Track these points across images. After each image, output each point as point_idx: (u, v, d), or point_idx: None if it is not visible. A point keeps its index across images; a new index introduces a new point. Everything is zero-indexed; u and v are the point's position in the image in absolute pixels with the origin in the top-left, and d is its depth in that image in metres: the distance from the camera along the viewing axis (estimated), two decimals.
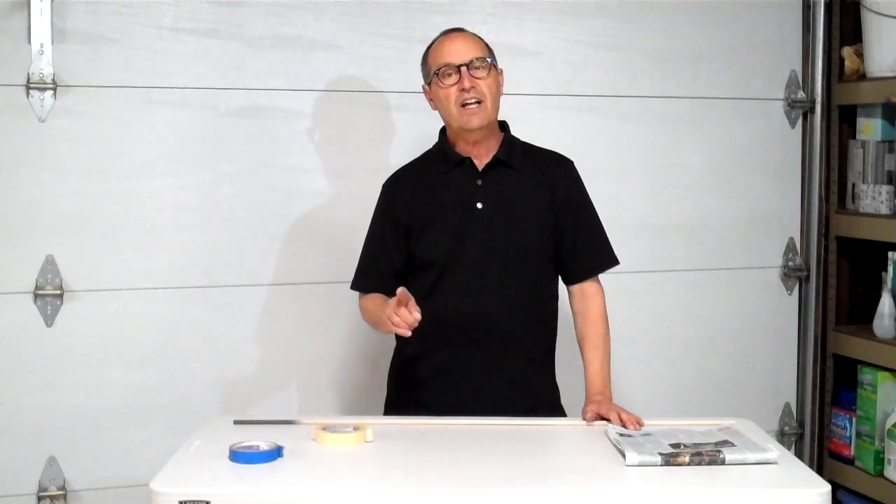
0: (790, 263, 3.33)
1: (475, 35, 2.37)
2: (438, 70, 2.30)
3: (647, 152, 3.17)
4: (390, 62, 2.95)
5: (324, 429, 2.04)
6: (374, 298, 2.34)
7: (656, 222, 3.20)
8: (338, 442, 2.02)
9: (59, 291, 2.73)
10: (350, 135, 2.95)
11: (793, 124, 3.31)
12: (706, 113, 3.22)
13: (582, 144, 3.07)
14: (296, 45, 2.89)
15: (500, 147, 2.37)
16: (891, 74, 3.04)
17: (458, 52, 2.30)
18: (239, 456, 1.90)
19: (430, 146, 2.45)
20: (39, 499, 2.75)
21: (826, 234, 3.30)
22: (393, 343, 2.46)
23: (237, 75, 2.85)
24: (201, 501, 1.75)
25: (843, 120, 3.28)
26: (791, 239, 3.33)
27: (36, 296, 2.72)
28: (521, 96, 2.98)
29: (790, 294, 3.35)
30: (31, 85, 2.68)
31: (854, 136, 3.26)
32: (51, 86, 2.69)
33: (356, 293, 2.45)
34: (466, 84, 2.27)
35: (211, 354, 2.86)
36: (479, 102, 2.28)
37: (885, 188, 3.07)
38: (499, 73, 2.36)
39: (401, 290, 2.12)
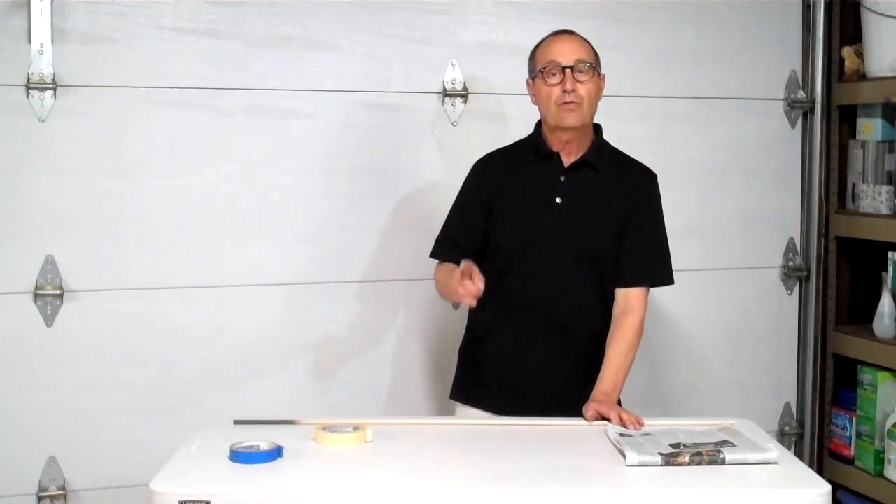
0: (790, 263, 3.33)
1: (584, 39, 2.43)
2: (544, 68, 2.37)
3: (646, 152, 3.15)
4: (390, 62, 2.95)
5: (324, 429, 2.04)
6: (448, 269, 2.42)
7: None
8: (338, 442, 2.02)
9: (59, 291, 2.73)
10: (350, 135, 2.94)
11: (793, 124, 3.31)
12: (706, 113, 3.22)
13: None
14: (296, 45, 2.89)
15: (589, 149, 2.45)
16: (891, 74, 3.03)
17: (566, 53, 2.37)
18: (239, 456, 1.91)
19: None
20: (39, 499, 2.75)
21: (826, 234, 3.30)
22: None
23: (237, 75, 2.85)
24: (201, 501, 1.75)
25: (843, 120, 3.28)
26: (791, 239, 3.33)
27: (36, 296, 2.72)
28: (521, 96, 2.96)
29: (790, 294, 3.34)
30: (31, 85, 2.68)
31: (854, 136, 3.26)
32: (51, 86, 2.69)
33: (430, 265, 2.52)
34: (569, 86, 2.35)
35: (211, 354, 2.86)
36: (577, 104, 2.35)
37: (885, 188, 3.07)
38: (601, 78, 2.43)
39: (465, 261, 2.25)
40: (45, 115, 2.71)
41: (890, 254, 3.07)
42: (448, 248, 2.49)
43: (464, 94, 2.98)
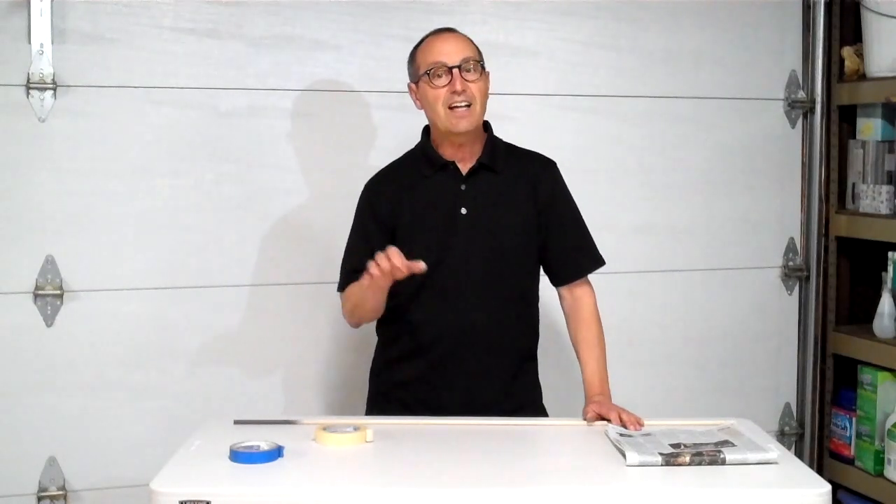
0: (790, 263, 3.33)
1: (465, 35, 2.33)
2: (429, 70, 2.25)
3: (647, 152, 3.17)
4: (390, 62, 2.94)
5: (324, 429, 2.04)
6: (354, 286, 2.29)
7: (656, 222, 3.20)
8: (338, 442, 2.02)
9: (59, 291, 2.73)
10: (351, 135, 2.95)
11: (793, 124, 3.31)
12: (706, 113, 3.22)
13: (582, 145, 3.07)
14: (296, 45, 2.89)
15: (484, 150, 2.33)
16: (891, 74, 3.03)
17: (451, 52, 2.26)
18: (239, 456, 1.90)
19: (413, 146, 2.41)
20: (39, 499, 2.75)
21: (826, 234, 3.30)
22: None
23: (237, 75, 2.85)
24: (201, 501, 1.75)
25: (843, 120, 3.28)
26: (791, 239, 3.33)
27: (36, 296, 2.72)
28: (521, 96, 2.98)
29: (790, 294, 3.35)
30: (31, 85, 2.68)
31: (854, 136, 3.26)
32: (51, 86, 2.69)
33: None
34: (458, 87, 2.23)
35: (211, 354, 2.86)
36: (468, 106, 2.25)
37: (885, 188, 3.07)
38: (487, 75, 2.32)
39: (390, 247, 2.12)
40: (45, 115, 2.71)
41: (890, 254, 3.07)
42: (356, 278, 2.24)
43: None
